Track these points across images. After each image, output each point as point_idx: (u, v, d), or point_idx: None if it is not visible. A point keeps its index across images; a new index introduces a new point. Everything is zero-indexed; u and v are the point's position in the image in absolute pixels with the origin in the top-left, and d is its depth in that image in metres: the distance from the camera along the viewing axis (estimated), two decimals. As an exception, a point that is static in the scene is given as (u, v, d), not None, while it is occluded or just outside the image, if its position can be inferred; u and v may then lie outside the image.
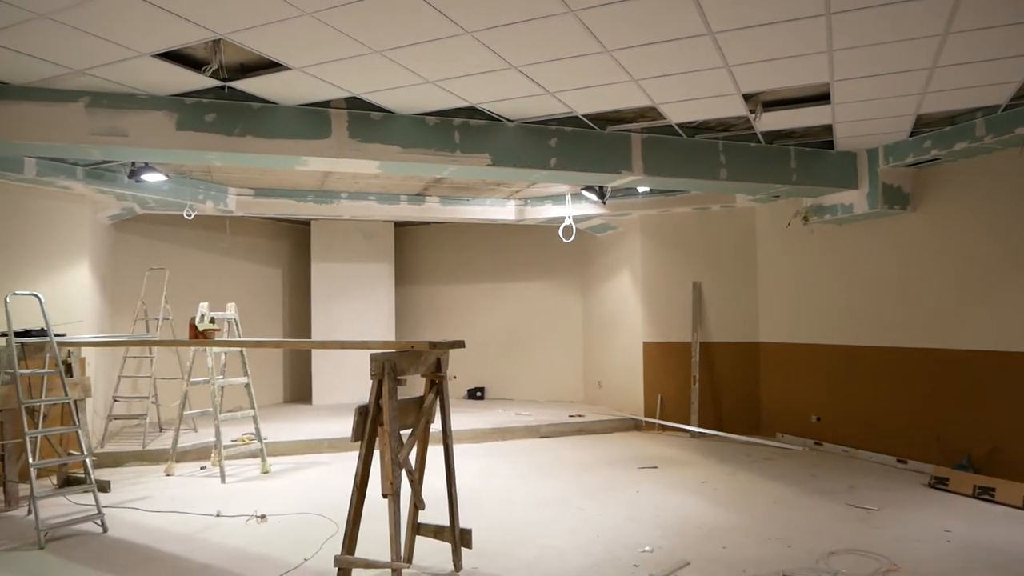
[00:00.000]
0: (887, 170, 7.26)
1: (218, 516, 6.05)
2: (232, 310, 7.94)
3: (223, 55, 4.74)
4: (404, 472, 4.26)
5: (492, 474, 7.53)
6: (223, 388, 7.87)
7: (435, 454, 4.77)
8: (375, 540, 4.74)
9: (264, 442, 7.90)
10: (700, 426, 9.60)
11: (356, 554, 4.27)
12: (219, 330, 7.36)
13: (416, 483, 4.55)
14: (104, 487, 6.66)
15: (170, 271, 9.81)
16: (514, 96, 5.58)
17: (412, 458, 4.52)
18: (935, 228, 7.27)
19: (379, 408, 4.21)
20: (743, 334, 9.91)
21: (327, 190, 9.72)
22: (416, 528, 4.76)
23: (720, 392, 9.90)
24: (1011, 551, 4.96)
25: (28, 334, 6.33)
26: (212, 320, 7.08)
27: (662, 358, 10.22)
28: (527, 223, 10.96)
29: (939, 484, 6.63)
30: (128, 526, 5.81)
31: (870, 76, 5.13)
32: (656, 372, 10.25)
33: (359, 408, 4.28)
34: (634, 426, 10.27)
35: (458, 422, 8.88)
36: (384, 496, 4.12)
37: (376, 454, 4.27)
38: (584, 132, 6.49)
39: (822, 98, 5.71)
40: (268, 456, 7.87)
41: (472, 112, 6.04)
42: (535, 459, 8.33)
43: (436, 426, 4.69)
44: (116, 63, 4.73)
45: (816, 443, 8.68)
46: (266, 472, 7.68)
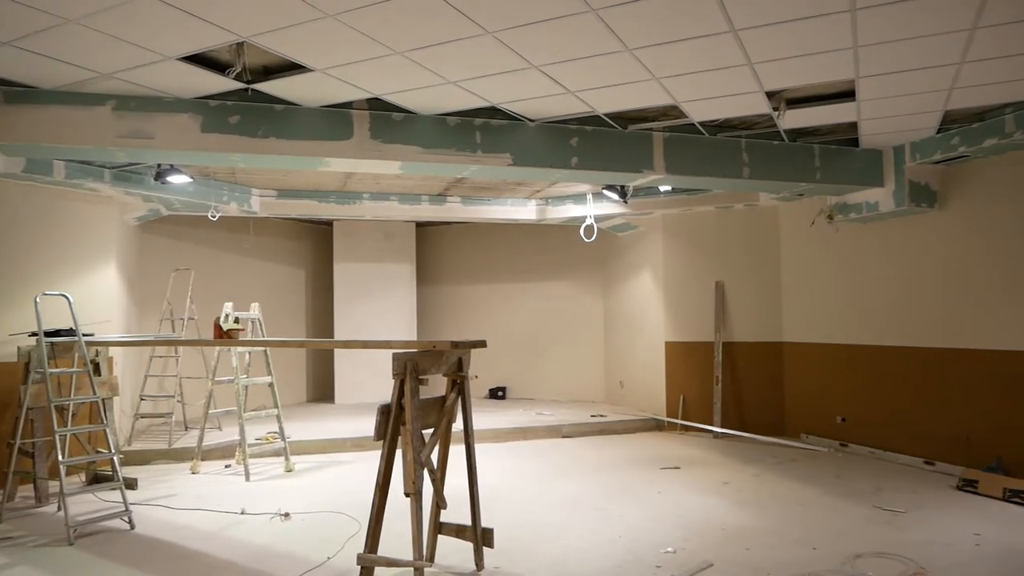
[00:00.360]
0: (914, 167, 7.16)
1: (243, 514, 6.12)
2: (256, 310, 8.02)
3: (247, 58, 4.79)
4: (426, 471, 4.27)
5: (513, 474, 7.53)
6: (247, 387, 7.95)
7: (457, 454, 4.78)
8: (397, 539, 4.77)
9: (287, 441, 7.97)
10: (723, 427, 9.53)
11: (379, 552, 4.29)
12: (243, 330, 7.44)
13: (438, 482, 4.56)
14: (131, 484, 6.76)
15: (195, 272, 9.92)
16: (535, 96, 5.58)
17: (434, 457, 4.54)
18: (964, 226, 7.15)
19: (401, 407, 4.23)
20: (767, 334, 9.81)
21: (349, 191, 9.78)
22: (438, 527, 4.77)
23: (743, 392, 9.82)
24: (1042, 555, 4.87)
25: (57, 334, 6.44)
26: (236, 320, 7.16)
27: (684, 358, 10.16)
28: (548, 223, 10.95)
29: (968, 487, 6.52)
30: (155, 523, 5.89)
31: (896, 72, 5.06)
32: (678, 372, 10.19)
33: (381, 407, 4.31)
34: (656, 426, 10.22)
35: (479, 422, 8.89)
36: (406, 495, 4.14)
37: (398, 453, 4.29)
38: (605, 131, 6.47)
39: (847, 95, 5.64)
40: (291, 455, 7.94)
41: (493, 112, 6.04)
42: (557, 459, 8.32)
43: (458, 426, 4.70)
44: (142, 66, 4.79)
45: (841, 444, 8.58)
46: (290, 471, 7.74)
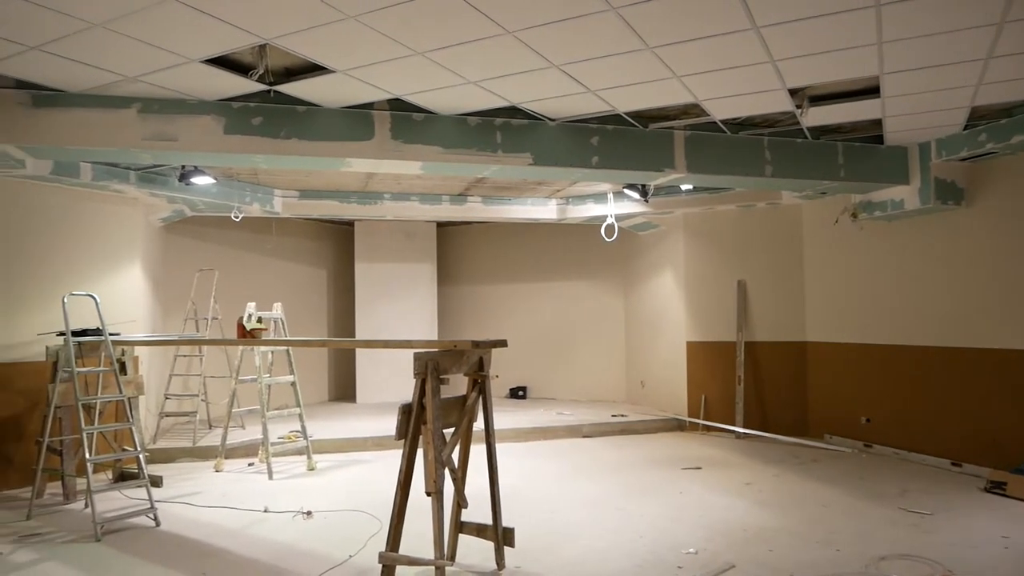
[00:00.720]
0: (940, 164, 7.06)
1: (266, 512, 6.17)
2: (278, 310, 8.08)
3: (269, 59, 4.83)
4: (447, 470, 4.28)
5: (534, 473, 7.53)
6: (270, 386, 8.02)
7: (478, 453, 4.79)
8: (419, 537, 4.79)
9: (310, 440, 8.03)
10: (745, 427, 9.46)
11: (400, 551, 4.31)
12: (266, 329, 7.52)
13: (459, 481, 4.57)
14: (157, 482, 6.85)
15: (219, 272, 10.03)
16: (555, 95, 5.57)
17: (455, 457, 4.55)
18: (991, 223, 7.04)
19: (422, 407, 4.25)
20: (789, 333, 9.73)
21: (370, 191, 9.83)
22: (459, 526, 4.79)
23: (765, 392, 9.74)
24: (1073, 559, 4.78)
25: (84, 333, 6.54)
26: (259, 320, 7.24)
27: (706, 358, 10.10)
28: (569, 222, 10.94)
29: (996, 488, 6.42)
30: (179, 520, 5.96)
31: (922, 68, 4.99)
32: (700, 372, 10.13)
33: (403, 407, 4.32)
34: (677, 426, 10.16)
35: (500, 421, 8.90)
36: (428, 494, 4.15)
37: (419, 452, 4.30)
38: (626, 130, 6.45)
39: (871, 91, 5.58)
40: (313, 453, 8.00)
41: (513, 112, 6.05)
42: (577, 459, 8.30)
43: (479, 425, 4.71)
44: (167, 69, 4.85)
45: (866, 445, 8.48)
46: (312, 469, 7.80)
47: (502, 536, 4.70)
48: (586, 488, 6.87)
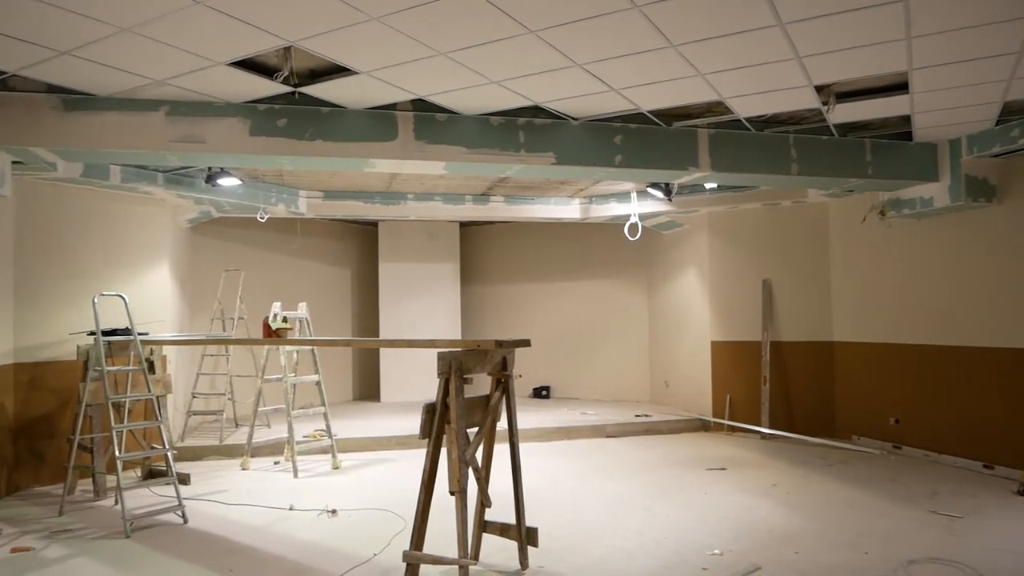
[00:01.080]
0: (971, 161, 6.93)
1: (291, 510, 6.23)
2: (303, 310, 8.15)
3: (294, 61, 4.87)
4: (471, 470, 4.29)
5: (558, 473, 7.52)
6: (295, 385, 8.09)
7: (501, 452, 4.79)
8: (442, 536, 4.80)
9: (334, 438, 8.08)
10: (771, 427, 9.37)
11: (424, 550, 4.32)
12: (291, 329, 7.59)
13: (483, 481, 4.58)
14: (184, 480, 6.94)
15: (244, 272, 10.13)
16: (578, 94, 5.56)
17: (479, 456, 4.56)
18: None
19: (446, 406, 4.26)
20: (816, 333, 9.61)
21: (394, 191, 9.88)
22: (483, 525, 4.79)
23: (792, 392, 9.64)
24: (1110, 563, 4.67)
25: (114, 333, 6.65)
26: (285, 319, 7.30)
27: (731, 357, 10.01)
28: (592, 221, 10.91)
29: (1029, 491, 6.30)
30: (207, 518, 6.04)
31: (952, 63, 4.91)
32: (725, 372, 10.05)
33: (427, 406, 4.34)
34: (702, 427, 10.09)
35: (524, 421, 8.90)
36: (451, 493, 4.16)
37: (443, 451, 4.32)
38: (649, 128, 6.41)
39: (900, 87, 5.49)
40: (338, 452, 8.06)
41: (536, 111, 6.04)
42: (601, 459, 8.28)
43: (502, 425, 4.71)
44: (194, 72, 4.91)
45: (895, 446, 8.36)
46: (336, 468, 7.85)
47: (526, 536, 4.70)
48: (610, 488, 6.85)
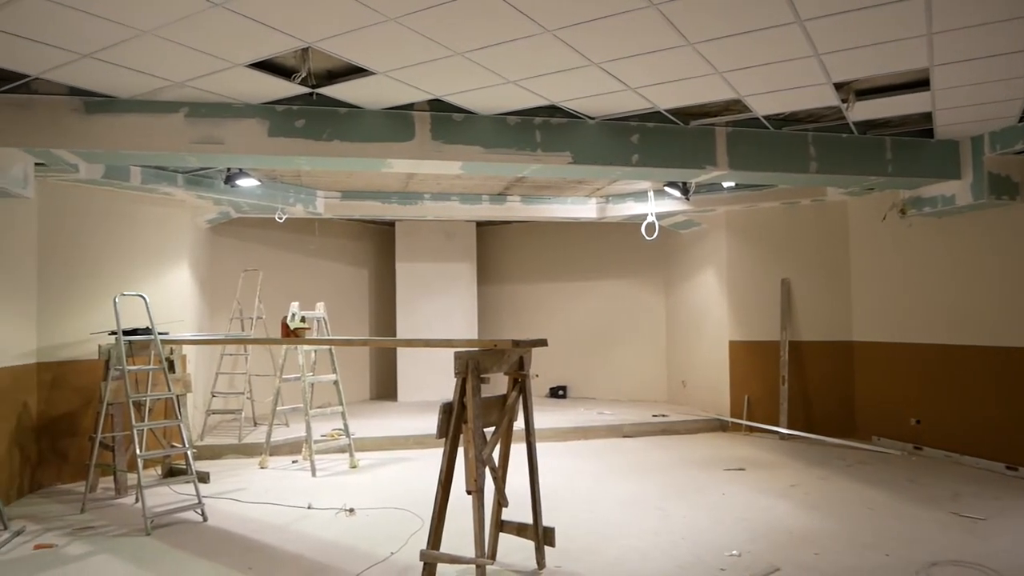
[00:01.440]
0: (993, 158, 6.83)
1: (309, 508, 6.27)
2: (321, 309, 8.20)
3: (311, 63, 4.90)
4: (488, 469, 4.29)
5: (575, 473, 7.50)
6: (313, 385, 8.14)
7: (518, 452, 4.79)
8: (459, 536, 4.81)
9: (352, 438, 8.12)
10: (789, 428, 9.29)
11: (441, 549, 4.33)
12: (309, 329, 7.63)
13: (499, 480, 4.58)
14: (204, 478, 7.00)
15: (263, 272, 10.21)
16: (595, 93, 5.54)
17: (496, 456, 4.56)
18: (1048, 220, 6.81)
19: (463, 406, 4.26)
20: (835, 333, 9.52)
21: (411, 191, 9.91)
22: (500, 525, 4.80)
23: (811, 393, 9.56)
24: None
25: (135, 332, 6.72)
26: (303, 319, 7.34)
27: (749, 357, 9.95)
28: (609, 221, 10.88)
29: (1054, 493, 6.21)
30: (226, 516, 6.09)
31: (974, 59, 4.84)
32: (743, 372, 9.98)
33: (443, 406, 4.35)
34: (720, 427, 10.04)
35: (540, 421, 8.89)
36: (468, 493, 4.17)
37: (460, 451, 4.32)
38: (667, 127, 6.38)
39: (920, 84, 5.43)
40: (356, 451, 8.09)
41: (553, 111, 6.03)
42: (618, 459, 8.25)
43: (519, 424, 4.71)
44: (213, 74, 4.95)
45: (916, 447, 8.27)
46: (354, 467, 7.89)
47: (543, 535, 4.70)
48: (627, 488, 6.83)
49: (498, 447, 4.64)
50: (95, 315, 7.43)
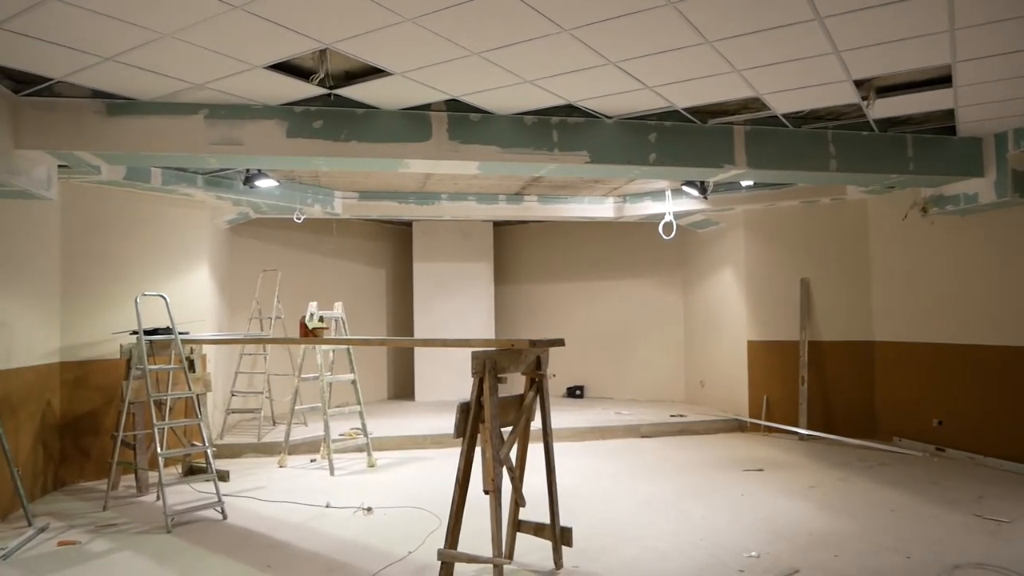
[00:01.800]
0: (1018, 155, 6.72)
1: (327, 507, 6.30)
2: (339, 309, 8.24)
3: (329, 64, 4.92)
4: (505, 469, 4.29)
5: (592, 473, 7.49)
6: (331, 384, 8.18)
7: (535, 452, 4.79)
8: (477, 536, 4.81)
9: (370, 437, 8.15)
10: (809, 428, 9.22)
11: (458, 549, 4.34)
12: (327, 328, 7.67)
13: (517, 480, 4.58)
14: (224, 477, 7.06)
15: (281, 272, 10.28)
16: (612, 92, 5.53)
17: (513, 455, 4.56)
18: (1074, 218, 6.70)
19: (480, 405, 4.27)
20: (856, 332, 9.43)
21: (428, 191, 9.93)
22: (517, 525, 4.79)
23: (831, 393, 9.47)
24: None
25: (156, 332, 6.79)
26: (321, 319, 7.39)
27: (768, 357, 9.88)
28: (626, 220, 10.85)
29: (1080, 496, 6.11)
30: (245, 514, 6.13)
31: (997, 55, 4.77)
32: (761, 372, 9.91)
33: (461, 405, 4.35)
34: (738, 427, 9.97)
35: (558, 420, 8.88)
36: (485, 492, 4.17)
37: (477, 451, 4.33)
38: (684, 126, 6.35)
39: (943, 81, 5.36)
40: (373, 450, 8.12)
41: (570, 110, 6.02)
42: (636, 459, 8.23)
43: (536, 424, 4.70)
44: (232, 76, 4.99)
45: (938, 449, 8.16)
46: (372, 466, 7.92)
47: (560, 535, 4.69)
48: (644, 489, 6.80)
49: (515, 447, 4.64)
50: (117, 315, 7.52)
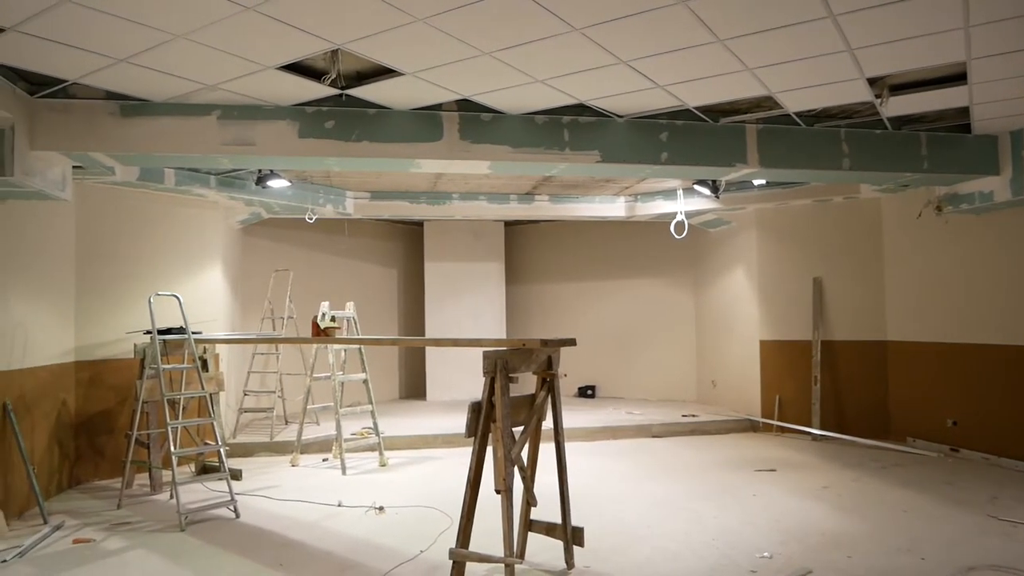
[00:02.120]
0: (1033, 154, 6.67)
1: (339, 506, 6.32)
2: (351, 309, 8.26)
3: (341, 64, 4.94)
4: (516, 469, 4.30)
5: (603, 473, 7.48)
6: (343, 384, 8.21)
7: (546, 452, 4.79)
8: (488, 535, 4.81)
9: (381, 436, 8.17)
10: (822, 428, 9.16)
11: (470, 548, 4.34)
12: (339, 328, 7.70)
13: (528, 480, 4.58)
14: (236, 475, 7.10)
15: (293, 272, 10.32)
16: (623, 91, 5.52)
17: (524, 455, 4.56)
18: (1091, 216, 6.62)
19: (492, 405, 4.27)
20: (869, 332, 9.37)
21: (439, 191, 9.95)
22: (528, 524, 4.80)
23: (844, 393, 9.42)
24: None
25: (169, 332, 6.83)
26: (333, 319, 7.41)
27: (780, 357, 9.83)
28: (637, 219, 10.82)
29: (1097, 497, 6.05)
30: (258, 513, 6.16)
31: (1013, 52, 4.72)
32: (773, 371, 9.87)
33: (472, 405, 4.36)
34: (750, 427, 9.93)
35: (569, 420, 8.86)
36: (497, 492, 4.18)
37: (489, 450, 4.33)
38: (696, 125, 6.33)
39: (957, 78, 5.32)
40: (385, 450, 8.14)
41: (581, 109, 6.02)
42: (647, 459, 8.21)
43: (547, 424, 4.70)
44: (244, 77, 5.02)
45: (952, 449, 8.10)
46: (383, 465, 7.94)
47: (571, 535, 4.69)
48: (656, 489, 6.79)
49: (527, 446, 4.64)
50: (130, 315, 7.57)
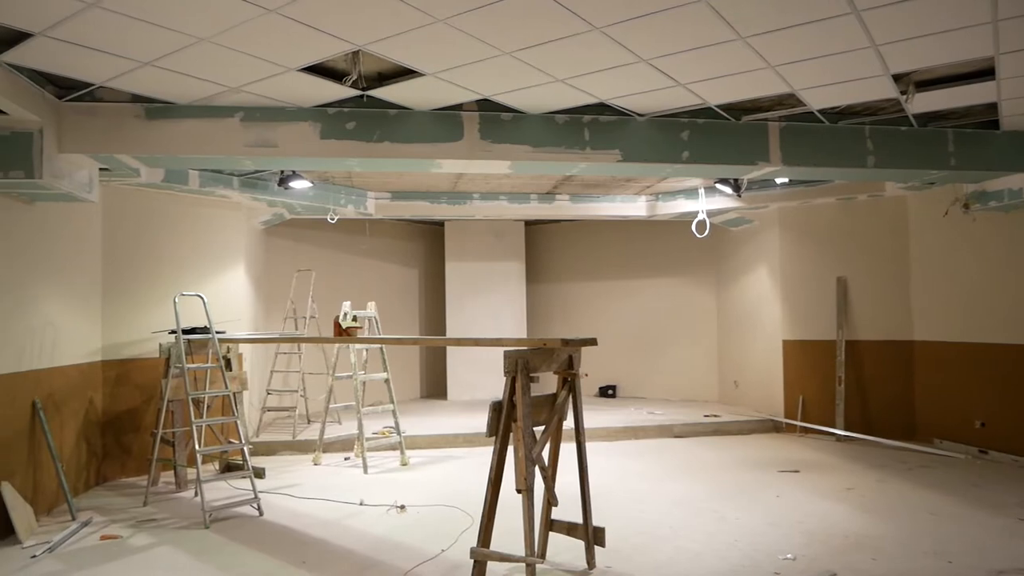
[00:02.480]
0: (1064, 150, 6.55)
1: (361, 505, 6.36)
2: (372, 309, 8.30)
3: (362, 65, 4.96)
4: (537, 468, 4.29)
5: (625, 473, 7.45)
6: (365, 383, 8.25)
7: (567, 451, 4.78)
8: (509, 534, 4.82)
9: (403, 435, 8.21)
10: (846, 429, 9.06)
11: (491, 547, 4.35)
12: (361, 328, 7.74)
13: (549, 479, 4.58)
14: (260, 474, 7.16)
15: (315, 272, 10.39)
16: (644, 90, 5.49)
17: (545, 455, 4.56)
18: (1124, 213, 6.49)
19: (513, 405, 4.27)
20: (894, 332, 9.25)
21: (460, 191, 9.97)
22: (549, 524, 4.79)
23: (868, 393, 9.30)
24: None
25: (194, 331, 6.91)
26: (355, 318, 7.45)
27: (803, 357, 9.73)
28: (659, 218, 10.77)
29: None
30: (281, 511, 6.22)
31: (1042, 47, 4.64)
32: (797, 371, 9.77)
33: (493, 404, 4.36)
34: (773, 427, 9.85)
35: (590, 420, 8.85)
36: (518, 491, 4.18)
37: (510, 450, 4.33)
38: (718, 123, 6.29)
39: (985, 74, 5.23)
40: (406, 449, 8.17)
41: (601, 108, 6.00)
42: (669, 459, 8.17)
43: (568, 423, 4.70)
44: (267, 79, 5.07)
45: (980, 451, 7.97)
46: (405, 464, 7.97)
47: (592, 535, 4.68)
48: (678, 489, 6.75)
49: (548, 446, 4.64)
50: (156, 315, 7.67)
